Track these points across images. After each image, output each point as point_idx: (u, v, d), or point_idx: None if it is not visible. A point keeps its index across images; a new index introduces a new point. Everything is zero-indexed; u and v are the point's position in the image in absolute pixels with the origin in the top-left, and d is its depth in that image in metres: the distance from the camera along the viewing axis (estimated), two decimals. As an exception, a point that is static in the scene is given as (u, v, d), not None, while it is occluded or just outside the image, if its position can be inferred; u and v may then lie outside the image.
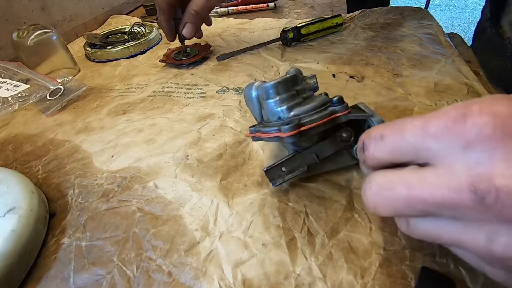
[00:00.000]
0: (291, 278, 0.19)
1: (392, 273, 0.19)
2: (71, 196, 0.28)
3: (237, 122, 0.33)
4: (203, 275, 0.20)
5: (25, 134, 0.37)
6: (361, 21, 0.51)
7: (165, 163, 0.29)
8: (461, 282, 0.18)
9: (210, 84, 0.41)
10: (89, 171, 0.30)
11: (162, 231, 0.23)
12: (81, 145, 0.33)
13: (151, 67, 0.48)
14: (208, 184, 0.27)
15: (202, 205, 0.25)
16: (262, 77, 0.41)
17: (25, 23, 0.54)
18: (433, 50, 0.40)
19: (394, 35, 0.45)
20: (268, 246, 0.21)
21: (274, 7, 0.65)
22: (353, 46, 0.45)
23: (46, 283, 0.21)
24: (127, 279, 0.21)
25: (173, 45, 0.54)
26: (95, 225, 0.25)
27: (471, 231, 0.12)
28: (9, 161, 0.33)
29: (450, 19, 2.43)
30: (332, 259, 0.20)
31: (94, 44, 0.55)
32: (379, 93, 0.34)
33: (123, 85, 0.44)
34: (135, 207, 0.25)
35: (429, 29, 0.46)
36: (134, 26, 0.56)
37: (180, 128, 0.34)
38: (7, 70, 0.44)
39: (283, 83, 0.22)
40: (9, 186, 0.25)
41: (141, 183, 0.28)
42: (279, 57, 0.45)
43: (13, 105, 0.41)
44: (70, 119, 0.38)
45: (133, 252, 0.22)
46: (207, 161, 0.29)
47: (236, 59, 0.46)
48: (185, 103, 0.38)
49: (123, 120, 0.37)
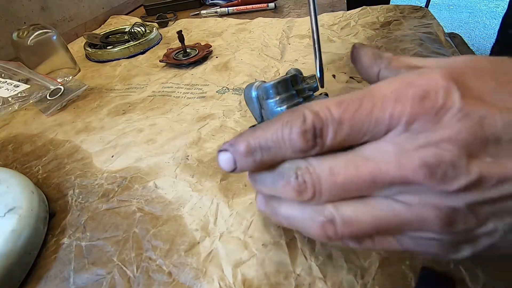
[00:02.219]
0: (291, 278, 0.19)
1: (392, 273, 0.19)
2: (71, 196, 0.28)
3: (237, 122, 0.33)
4: (203, 275, 0.20)
5: (25, 134, 0.37)
6: (362, 19, 0.51)
7: (165, 163, 0.29)
8: (461, 282, 0.18)
9: (210, 84, 0.41)
10: (89, 171, 0.30)
11: (162, 231, 0.23)
12: (81, 145, 0.33)
13: (151, 67, 0.48)
14: (208, 184, 0.27)
15: (202, 205, 0.25)
16: (262, 77, 0.41)
17: (25, 23, 0.54)
18: (433, 50, 0.40)
19: (395, 34, 0.45)
20: (268, 246, 0.21)
21: (274, 7, 0.65)
22: (353, 46, 0.45)
23: (46, 283, 0.21)
24: (127, 279, 0.21)
25: (173, 45, 0.54)
26: (95, 225, 0.25)
27: (419, 207, 0.13)
28: (9, 161, 0.33)
29: (450, 19, 2.43)
30: (332, 259, 0.20)
31: (94, 44, 0.55)
32: (379, 93, 0.34)
33: (123, 85, 0.44)
34: (135, 207, 0.25)
35: (430, 28, 0.45)
36: (134, 26, 0.56)
37: (180, 128, 0.34)
38: (7, 70, 0.44)
39: (283, 83, 0.22)
40: (9, 186, 0.25)
41: (141, 183, 0.28)
42: (279, 57, 0.45)
43: (13, 105, 0.41)
44: (70, 119, 0.38)
45: (133, 252, 0.22)
46: (207, 161, 0.29)
47: (236, 59, 0.46)
48: (185, 103, 0.38)
49: (123, 120, 0.37)
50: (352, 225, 0.14)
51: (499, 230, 0.13)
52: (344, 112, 0.13)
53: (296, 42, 0.49)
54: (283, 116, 0.15)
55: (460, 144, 0.12)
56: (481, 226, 0.13)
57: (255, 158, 0.15)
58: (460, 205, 0.12)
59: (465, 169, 0.12)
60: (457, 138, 0.12)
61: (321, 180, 0.14)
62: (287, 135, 0.14)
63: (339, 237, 0.14)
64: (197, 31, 0.59)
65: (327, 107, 0.14)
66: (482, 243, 0.13)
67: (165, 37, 0.59)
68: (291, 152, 0.14)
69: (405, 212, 0.13)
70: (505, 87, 0.12)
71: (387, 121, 0.13)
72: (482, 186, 0.12)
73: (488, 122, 0.12)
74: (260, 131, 0.15)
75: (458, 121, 0.12)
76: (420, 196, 0.13)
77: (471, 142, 0.12)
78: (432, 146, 0.12)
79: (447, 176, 0.12)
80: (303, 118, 0.14)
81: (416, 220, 0.13)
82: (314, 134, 0.14)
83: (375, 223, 0.14)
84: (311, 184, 0.14)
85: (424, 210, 0.13)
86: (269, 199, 0.17)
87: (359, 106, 0.13)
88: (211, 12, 0.67)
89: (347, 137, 0.14)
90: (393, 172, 0.13)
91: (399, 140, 0.13)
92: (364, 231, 0.14)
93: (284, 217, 0.16)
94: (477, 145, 0.12)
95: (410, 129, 0.13)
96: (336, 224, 0.14)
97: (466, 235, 0.13)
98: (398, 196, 0.13)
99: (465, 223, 0.13)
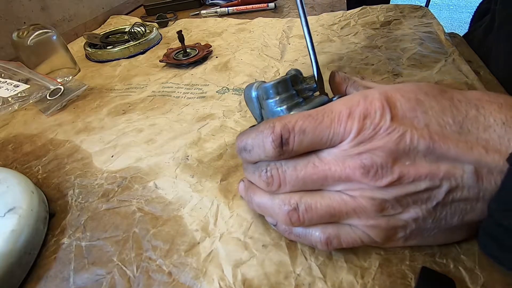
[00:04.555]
0: (291, 278, 0.19)
1: (392, 273, 0.19)
2: (71, 196, 0.28)
3: (237, 122, 0.33)
4: (203, 275, 0.20)
5: (25, 134, 0.37)
6: (362, 19, 0.51)
7: (165, 163, 0.29)
8: (461, 282, 0.18)
9: (210, 84, 0.41)
10: (89, 171, 0.30)
11: (162, 231, 0.23)
12: (81, 145, 0.33)
13: (151, 67, 0.48)
14: (209, 184, 0.27)
15: (203, 206, 0.25)
16: (262, 77, 0.41)
17: (25, 23, 0.54)
18: (433, 49, 0.40)
19: (394, 34, 0.45)
20: (268, 247, 0.21)
21: (274, 7, 0.65)
22: (353, 46, 0.45)
23: (46, 283, 0.21)
24: (127, 279, 0.21)
25: (173, 45, 0.54)
26: (95, 225, 0.25)
27: (360, 198, 0.17)
28: (9, 161, 0.33)
29: (450, 19, 2.43)
30: (332, 259, 0.20)
31: (94, 44, 0.55)
32: (379, 93, 0.34)
33: (123, 85, 0.44)
34: (135, 207, 0.26)
35: (430, 27, 0.45)
36: (134, 26, 0.56)
37: (180, 128, 0.34)
38: (7, 70, 0.44)
39: (283, 83, 0.22)
40: (9, 186, 0.25)
41: (141, 183, 0.28)
42: (279, 57, 0.45)
43: (13, 105, 0.41)
44: (70, 119, 0.38)
45: (133, 252, 0.22)
46: (207, 161, 0.29)
47: (236, 59, 0.46)
48: (185, 103, 0.38)
49: (123, 120, 0.37)
50: (311, 211, 0.18)
51: (420, 215, 0.17)
52: (309, 124, 0.17)
53: (296, 42, 0.49)
54: (260, 126, 0.18)
55: (388, 151, 0.16)
56: (406, 212, 0.17)
57: (242, 156, 0.20)
58: (389, 197, 0.16)
59: (390, 170, 0.16)
60: (385, 147, 0.16)
61: (286, 174, 0.18)
62: (261, 142, 0.18)
63: (301, 222, 0.18)
64: (197, 31, 0.59)
65: (296, 120, 0.17)
66: (410, 227, 0.17)
67: (165, 37, 0.59)
68: (264, 156, 0.18)
69: (351, 202, 0.17)
70: (421, 106, 0.17)
71: (342, 133, 0.17)
72: (402, 183, 0.16)
73: (408, 136, 0.16)
74: (245, 135, 0.19)
75: (387, 135, 0.16)
76: (360, 191, 0.17)
77: (395, 150, 0.16)
78: (368, 152, 0.16)
79: (377, 175, 0.16)
80: (272, 129, 0.18)
81: (359, 208, 0.17)
82: (280, 143, 0.17)
83: (329, 210, 0.18)
84: (277, 178, 0.18)
85: (364, 201, 0.17)
86: (248, 188, 0.21)
87: (321, 120, 0.17)
88: (211, 12, 0.67)
89: (310, 144, 0.18)
90: (340, 171, 0.17)
91: (347, 147, 0.17)
92: (321, 216, 0.18)
93: (257, 204, 0.20)
94: (399, 152, 0.16)
95: (356, 140, 0.17)
96: (299, 211, 0.18)
97: (396, 220, 0.17)
98: (346, 190, 0.17)
99: (394, 209, 0.17)
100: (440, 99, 0.17)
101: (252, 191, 0.21)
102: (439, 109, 0.17)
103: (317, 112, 0.18)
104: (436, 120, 0.16)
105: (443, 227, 0.17)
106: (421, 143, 0.16)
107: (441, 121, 0.16)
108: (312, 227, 0.19)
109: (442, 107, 0.17)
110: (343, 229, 0.18)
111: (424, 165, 0.16)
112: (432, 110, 0.17)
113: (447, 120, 0.16)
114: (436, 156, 0.16)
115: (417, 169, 0.16)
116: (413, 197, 0.16)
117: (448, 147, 0.16)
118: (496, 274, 0.18)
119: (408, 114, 0.17)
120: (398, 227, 0.17)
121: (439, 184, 0.16)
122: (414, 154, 0.16)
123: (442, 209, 0.17)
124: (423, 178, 0.16)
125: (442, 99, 0.17)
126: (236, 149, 0.20)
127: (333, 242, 0.18)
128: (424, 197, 0.16)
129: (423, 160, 0.16)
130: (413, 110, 0.17)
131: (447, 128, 0.16)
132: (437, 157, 0.16)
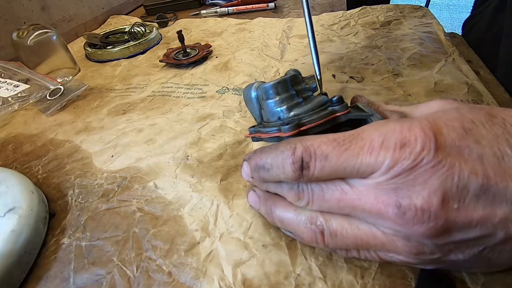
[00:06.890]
0: (291, 278, 0.19)
1: (392, 273, 0.19)
2: (71, 196, 0.28)
3: (237, 122, 0.33)
4: (203, 275, 0.20)
5: (25, 134, 0.37)
6: (362, 19, 0.51)
7: (165, 163, 0.29)
8: (461, 282, 0.18)
9: (210, 84, 0.41)
10: (89, 171, 0.30)
11: (162, 231, 0.23)
12: (81, 145, 0.33)
13: (151, 67, 0.48)
14: (208, 184, 0.27)
15: (203, 206, 0.25)
16: (262, 77, 0.41)
17: (25, 23, 0.54)
18: (433, 49, 0.40)
19: (394, 33, 0.45)
20: (268, 247, 0.21)
21: (274, 7, 0.65)
22: (353, 45, 0.45)
23: (46, 283, 0.21)
24: (127, 279, 0.21)
25: (173, 45, 0.54)
26: (95, 225, 0.25)
27: (393, 236, 0.15)
28: (9, 161, 0.33)
29: (450, 19, 2.43)
30: (332, 259, 0.20)
31: (94, 44, 0.55)
32: (378, 94, 0.34)
33: (123, 85, 0.44)
34: (135, 207, 0.26)
35: (430, 27, 0.45)
36: (134, 26, 0.56)
37: (180, 128, 0.34)
38: (7, 70, 0.44)
39: (282, 83, 0.22)
40: (9, 186, 0.25)
41: (141, 183, 0.28)
42: (279, 57, 0.45)
43: (13, 105, 0.41)
44: (70, 119, 0.38)
45: (133, 252, 0.22)
46: (207, 161, 0.29)
47: (236, 59, 0.46)
48: (185, 103, 0.38)
49: (123, 120, 0.37)
50: (337, 239, 0.17)
51: (461, 258, 0.15)
52: (332, 150, 0.15)
53: (296, 42, 0.49)
54: (280, 145, 0.17)
55: (431, 191, 0.13)
56: (445, 256, 0.15)
57: (260, 174, 0.18)
58: (427, 243, 0.14)
59: (434, 215, 0.13)
60: (428, 185, 0.13)
61: (314, 194, 0.17)
62: (280, 163, 0.17)
63: (325, 246, 0.17)
64: (197, 31, 0.59)
65: (319, 143, 0.16)
66: (445, 265, 0.16)
67: (165, 37, 0.59)
68: (283, 177, 0.17)
69: (381, 237, 0.15)
70: (471, 135, 0.14)
71: (373, 164, 0.14)
72: (447, 232, 0.13)
73: (456, 171, 0.13)
74: (264, 154, 0.18)
75: (431, 169, 0.13)
76: (394, 230, 0.15)
77: (440, 189, 0.13)
78: (407, 189, 0.14)
79: (416, 219, 0.13)
80: (293, 150, 0.16)
81: (390, 246, 0.15)
82: (301, 166, 0.16)
83: (356, 241, 0.16)
84: (307, 194, 0.17)
85: (397, 239, 0.15)
86: (266, 199, 0.20)
87: (347, 147, 0.15)
88: (211, 12, 0.67)
89: (333, 172, 0.16)
90: (370, 205, 0.15)
91: (381, 180, 0.14)
92: (346, 245, 0.17)
93: (278, 218, 0.19)
94: (445, 192, 0.13)
95: (390, 172, 0.14)
96: (324, 235, 0.17)
97: (432, 260, 0.15)
98: (377, 224, 0.15)
99: (431, 254, 0.15)
100: (491, 126, 0.14)
101: (272, 203, 0.19)
102: (492, 137, 0.14)
103: (344, 137, 0.16)
104: (492, 151, 0.13)
105: (484, 265, 0.15)
106: (473, 180, 0.13)
107: (497, 151, 0.13)
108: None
109: (495, 135, 0.14)
110: (369, 254, 0.17)
111: (476, 209, 0.13)
112: (484, 140, 0.14)
113: (504, 150, 0.13)
114: (492, 197, 0.13)
115: (467, 215, 0.13)
116: (457, 245, 0.14)
117: (507, 185, 0.13)
118: (496, 274, 0.18)
119: (457, 143, 0.14)
120: (432, 263, 0.16)
121: (492, 232, 0.13)
122: (464, 194, 0.13)
123: (489, 253, 0.14)
124: (474, 226, 0.13)
125: (492, 126, 0.14)
126: (252, 166, 0.19)
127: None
128: (471, 244, 0.14)
129: (475, 202, 0.13)
130: (463, 138, 0.14)
131: (505, 160, 0.13)
132: (493, 198, 0.13)
